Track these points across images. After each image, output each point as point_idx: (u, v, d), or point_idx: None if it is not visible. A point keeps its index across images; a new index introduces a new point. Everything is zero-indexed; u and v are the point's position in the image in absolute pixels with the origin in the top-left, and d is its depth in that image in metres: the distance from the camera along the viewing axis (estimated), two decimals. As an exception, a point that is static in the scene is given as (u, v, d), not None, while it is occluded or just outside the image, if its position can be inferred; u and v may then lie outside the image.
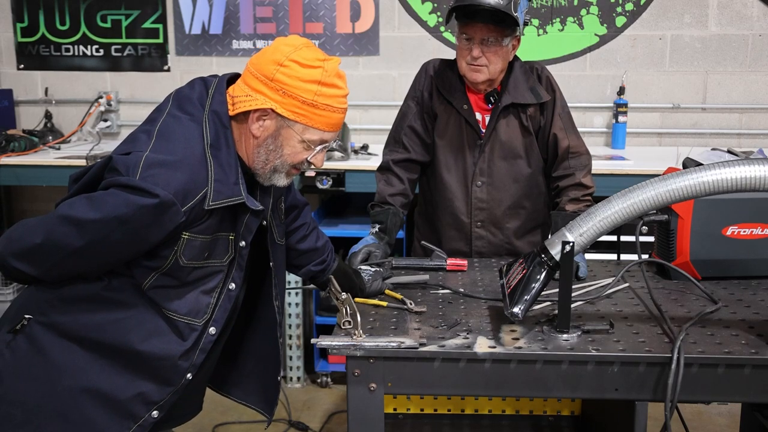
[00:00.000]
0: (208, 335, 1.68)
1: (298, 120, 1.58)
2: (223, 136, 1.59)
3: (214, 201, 1.55)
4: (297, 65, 1.56)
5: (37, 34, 4.45)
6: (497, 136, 2.44)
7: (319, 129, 1.61)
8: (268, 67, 1.57)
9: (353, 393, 1.63)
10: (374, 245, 2.29)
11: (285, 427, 3.44)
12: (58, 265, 1.57)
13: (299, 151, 1.63)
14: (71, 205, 1.54)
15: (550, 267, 1.68)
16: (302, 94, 1.56)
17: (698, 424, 3.35)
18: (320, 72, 1.57)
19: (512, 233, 2.52)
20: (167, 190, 1.48)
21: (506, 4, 2.22)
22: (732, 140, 4.14)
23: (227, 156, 1.59)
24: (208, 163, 1.56)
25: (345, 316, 1.71)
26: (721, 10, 4.05)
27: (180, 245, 1.57)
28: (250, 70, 1.60)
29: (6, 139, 3.89)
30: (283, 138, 1.60)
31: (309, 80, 1.56)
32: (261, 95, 1.57)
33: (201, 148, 1.56)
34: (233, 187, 1.58)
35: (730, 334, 1.69)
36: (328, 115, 1.60)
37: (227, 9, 4.29)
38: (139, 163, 1.50)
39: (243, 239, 1.67)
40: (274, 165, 1.63)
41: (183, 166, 1.52)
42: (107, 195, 1.51)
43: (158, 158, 1.52)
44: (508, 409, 2.48)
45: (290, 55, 1.56)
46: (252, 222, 1.66)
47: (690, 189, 1.57)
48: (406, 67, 4.15)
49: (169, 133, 1.58)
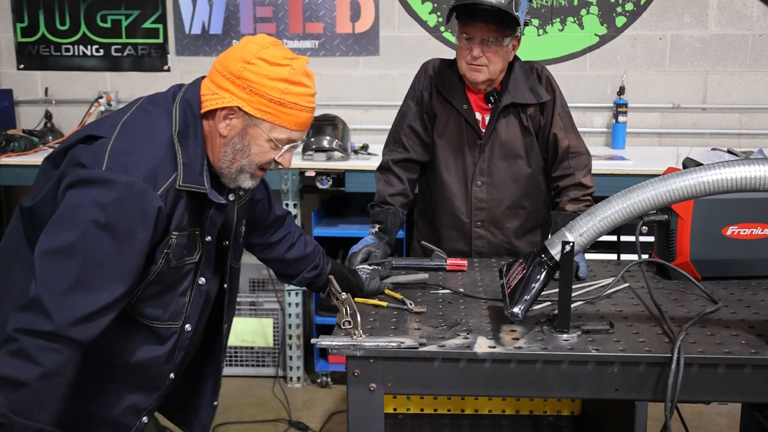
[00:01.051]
0: (185, 333, 1.69)
1: (266, 118, 1.56)
2: (192, 126, 1.57)
3: (184, 182, 1.53)
4: (264, 63, 1.54)
5: (37, 34, 4.45)
6: (497, 136, 2.44)
7: (287, 128, 1.59)
8: (235, 64, 1.55)
9: (353, 393, 1.63)
10: (374, 245, 2.30)
11: (285, 427, 3.44)
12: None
13: (267, 150, 1.61)
14: (46, 239, 1.44)
15: (550, 267, 1.68)
16: (269, 92, 1.54)
17: (698, 424, 3.35)
18: (288, 70, 1.55)
19: (512, 233, 2.52)
20: (136, 176, 1.46)
21: (507, 4, 2.22)
22: (732, 140, 4.14)
23: (194, 146, 1.57)
24: (175, 150, 1.54)
25: (345, 316, 1.71)
26: (721, 10, 4.05)
27: (171, 246, 1.55)
28: (217, 68, 1.58)
29: (6, 139, 3.89)
30: (251, 137, 1.58)
31: (276, 78, 1.54)
32: (228, 93, 1.55)
33: (168, 136, 1.54)
34: (198, 177, 1.56)
35: (730, 334, 1.69)
36: (295, 113, 1.58)
37: (227, 9, 4.29)
38: (105, 153, 1.47)
39: (209, 234, 1.65)
40: (241, 165, 1.61)
41: (149, 152, 1.50)
42: (73, 207, 1.43)
43: (124, 147, 1.49)
44: (508, 409, 2.48)
45: (258, 53, 1.54)
46: (216, 217, 1.65)
47: (690, 189, 1.57)
48: (406, 67, 4.15)
49: (135, 123, 1.56)
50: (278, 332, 3.89)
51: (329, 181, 3.58)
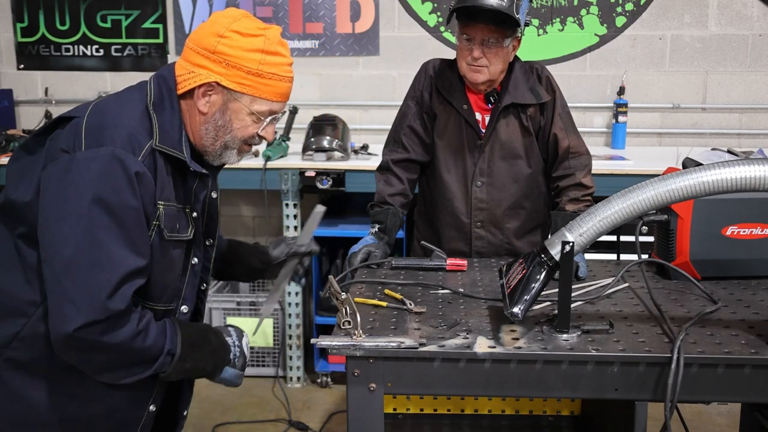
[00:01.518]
0: (182, 315, 1.69)
1: (245, 91, 1.55)
2: (168, 98, 1.56)
3: (160, 143, 1.51)
4: (238, 35, 1.53)
5: (37, 34, 4.45)
6: (497, 136, 2.44)
7: (268, 99, 1.58)
8: (208, 39, 1.53)
9: (353, 393, 1.63)
10: (374, 245, 2.30)
11: (285, 427, 3.44)
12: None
13: (249, 124, 1.60)
14: (48, 235, 1.44)
15: (550, 267, 1.68)
16: (246, 64, 1.53)
17: (698, 424, 3.35)
18: (262, 40, 1.54)
19: (512, 233, 2.52)
20: (113, 146, 1.45)
21: (509, 6, 2.22)
22: (732, 140, 4.14)
23: (171, 116, 1.56)
24: (151, 118, 1.53)
25: (345, 316, 1.71)
26: (721, 10, 4.05)
27: (160, 217, 1.53)
28: (190, 46, 1.57)
29: (6, 139, 3.89)
30: (232, 112, 1.57)
31: (252, 49, 1.53)
32: (204, 69, 1.54)
33: (143, 107, 1.54)
34: (177, 144, 1.55)
35: (729, 334, 1.69)
36: (274, 84, 1.57)
37: (227, 9, 4.29)
38: (81, 133, 1.46)
39: (194, 210, 1.65)
40: (225, 141, 1.60)
41: (122, 122, 1.50)
42: (64, 197, 1.43)
43: (97, 122, 1.49)
44: (508, 409, 2.48)
45: (230, 26, 1.53)
46: (199, 190, 1.64)
47: (690, 189, 1.57)
48: (406, 67, 4.15)
49: (107, 101, 1.57)
50: (278, 332, 3.90)
51: (329, 181, 3.58)
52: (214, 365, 1.63)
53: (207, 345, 1.62)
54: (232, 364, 1.65)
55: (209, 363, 1.62)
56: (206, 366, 1.62)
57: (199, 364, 1.60)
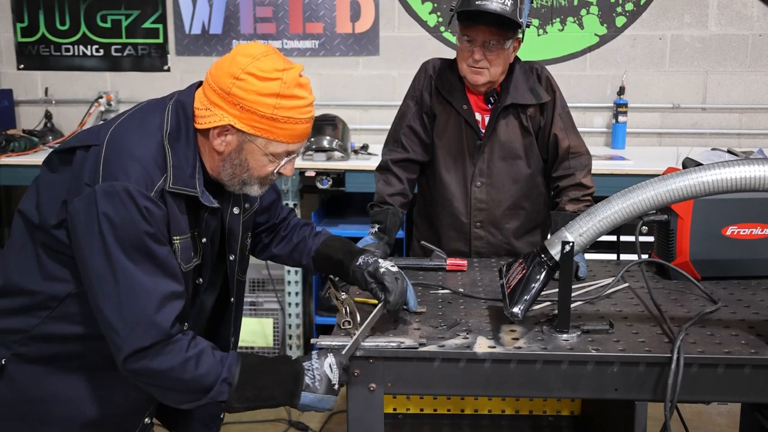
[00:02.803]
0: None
1: (260, 134, 1.53)
2: (184, 127, 1.55)
3: (174, 185, 1.52)
4: (253, 78, 1.49)
5: (37, 34, 4.45)
6: (497, 137, 2.44)
7: (283, 142, 1.55)
8: (224, 80, 1.51)
9: (353, 393, 1.63)
10: (374, 245, 2.30)
11: (285, 427, 3.44)
12: None
13: (265, 164, 1.58)
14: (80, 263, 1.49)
15: (550, 267, 1.67)
16: (261, 109, 1.50)
17: (698, 424, 3.35)
18: (278, 84, 1.49)
19: (511, 234, 2.52)
20: (127, 181, 1.46)
21: (512, 11, 2.22)
22: (732, 140, 4.14)
23: (185, 148, 1.55)
24: (165, 152, 1.53)
25: (345, 316, 1.71)
26: (721, 10, 4.05)
27: (176, 251, 1.55)
28: (209, 81, 1.55)
29: (6, 139, 3.89)
30: (247, 152, 1.56)
31: (267, 94, 1.49)
32: (219, 110, 1.52)
33: (158, 138, 1.53)
34: (188, 180, 1.55)
35: (729, 334, 1.69)
36: (290, 127, 1.54)
37: (227, 9, 4.29)
38: (99, 165, 1.48)
39: (204, 236, 1.65)
40: (242, 179, 1.60)
41: (138, 156, 1.50)
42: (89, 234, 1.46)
43: (113, 155, 1.49)
44: (507, 409, 2.48)
45: (246, 67, 1.49)
46: (210, 221, 1.64)
47: (690, 189, 1.57)
48: (406, 67, 4.15)
49: (125, 129, 1.56)
50: (278, 332, 3.89)
51: (329, 181, 3.58)
52: (287, 393, 1.57)
53: (273, 374, 1.58)
54: (312, 389, 1.57)
55: (278, 391, 1.57)
56: (275, 394, 1.57)
57: (263, 393, 1.56)
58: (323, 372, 1.56)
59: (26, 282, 1.56)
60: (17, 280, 1.57)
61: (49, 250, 1.55)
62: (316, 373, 1.57)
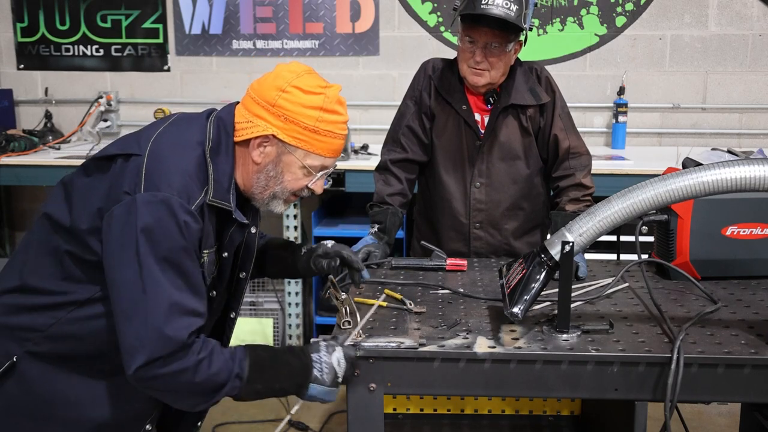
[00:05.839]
0: None
1: (300, 146, 1.59)
2: (224, 143, 1.59)
3: (214, 198, 1.55)
4: (299, 91, 1.56)
5: (37, 34, 4.46)
6: (496, 137, 2.44)
7: (321, 155, 1.62)
8: (270, 92, 1.57)
9: (353, 393, 1.63)
10: (374, 245, 2.30)
11: (285, 427, 3.44)
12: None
13: (300, 177, 1.63)
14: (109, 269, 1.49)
15: (550, 267, 1.67)
16: (304, 120, 1.57)
17: (698, 424, 3.35)
18: (322, 98, 1.58)
19: (510, 234, 2.52)
20: (170, 192, 1.48)
21: (516, 17, 2.22)
22: (732, 140, 4.14)
23: (225, 163, 1.59)
24: (207, 165, 1.56)
25: (345, 316, 1.72)
26: (721, 10, 4.05)
27: (204, 265, 1.57)
28: (251, 95, 1.60)
29: (6, 139, 3.89)
30: (284, 164, 1.61)
31: (311, 106, 1.57)
32: (262, 121, 1.57)
33: (200, 151, 1.57)
34: (225, 194, 1.58)
35: (729, 334, 1.69)
36: (329, 141, 1.61)
37: (227, 9, 4.30)
38: (141, 175, 1.49)
39: (226, 250, 1.67)
40: (274, 191, 1.64)
41: (181, 168, 1.52)
42: (122, 244, 1.47)
43: (156, 165, 1.51)
44: (507, 409, 2.48)
45: (292, 81, 1.57)
46: (236, 235, 1.67)
47: (690, 189, 1.57)
48: (406, 67, 4.15)
49: (167, 139, 1.57)
50: (278, 332, 3.90)
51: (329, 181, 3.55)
52: (296, 385, 1.60)
53: (283, 366, 1.61)
54: (320, 381, 1.60)
55: (288, 383, 1.60)
56: (285, 386, 1.60)
57: (274, 385, 1.59)
58: (331, 365, 1.60)
59: (45, 282, 1.57)
60: (36, 280, 1.58)
61: (75, 253, 1.55)
62: (324, 366, 1.60)
